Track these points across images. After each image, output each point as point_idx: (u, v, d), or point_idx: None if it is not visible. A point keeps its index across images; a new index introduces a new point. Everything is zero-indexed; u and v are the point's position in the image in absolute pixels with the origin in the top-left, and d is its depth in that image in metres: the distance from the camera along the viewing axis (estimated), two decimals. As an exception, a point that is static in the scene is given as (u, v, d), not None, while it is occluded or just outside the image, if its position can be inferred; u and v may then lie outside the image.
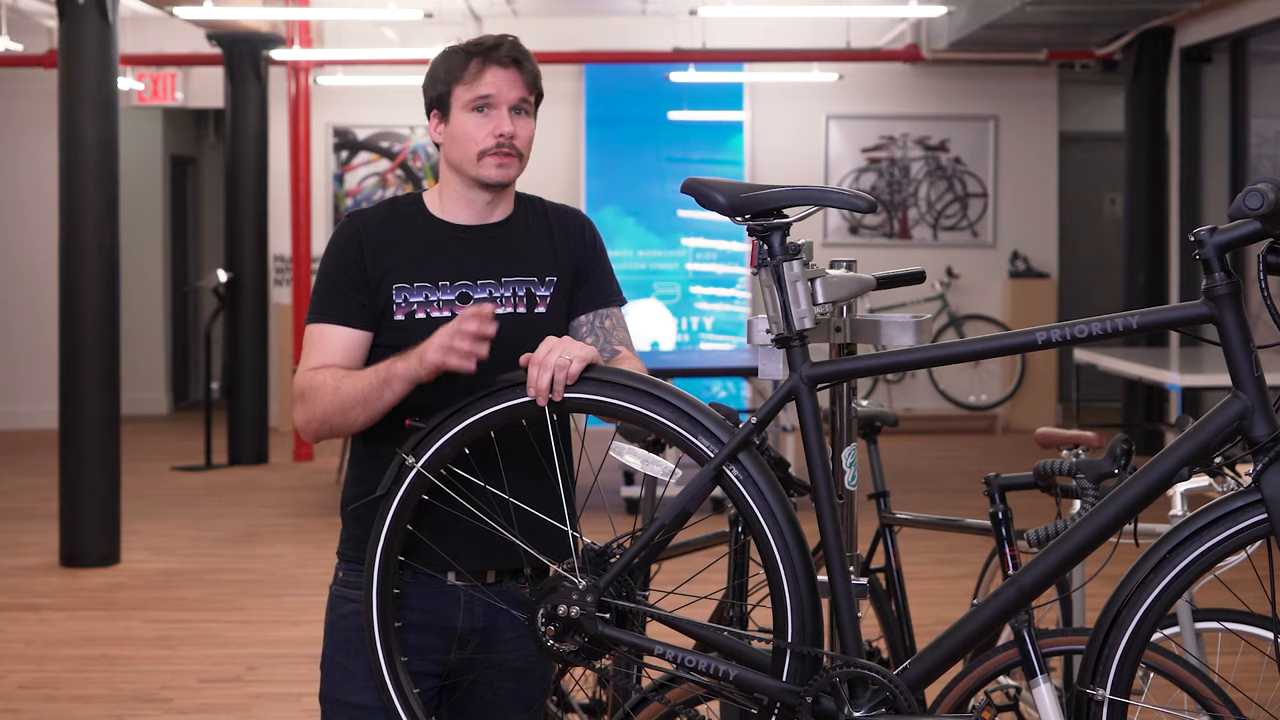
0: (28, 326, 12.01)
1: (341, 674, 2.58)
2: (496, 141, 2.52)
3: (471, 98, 2.53)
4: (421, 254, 2.56)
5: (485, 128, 2.53)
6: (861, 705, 2.19)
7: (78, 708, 5.11)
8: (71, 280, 7.25)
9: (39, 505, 8.62)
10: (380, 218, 2.60)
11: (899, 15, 10.55)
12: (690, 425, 2.24)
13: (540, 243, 2.62)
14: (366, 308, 2.54)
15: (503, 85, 2.53)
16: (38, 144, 11.54)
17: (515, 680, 2.60)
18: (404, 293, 2.54)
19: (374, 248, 2.55)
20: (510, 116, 2.54)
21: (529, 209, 2.67)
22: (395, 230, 2.58)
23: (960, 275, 12.07)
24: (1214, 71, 10.13)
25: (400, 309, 2.54)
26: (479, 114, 2.54)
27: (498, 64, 2.53)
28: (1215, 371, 6.68)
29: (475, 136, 2.53)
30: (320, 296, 2.58)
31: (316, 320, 2.57)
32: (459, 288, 2.56)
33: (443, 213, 2.61)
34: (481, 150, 2.53)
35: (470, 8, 11.09)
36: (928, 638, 2.36)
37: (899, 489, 6.47)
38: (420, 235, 2.58)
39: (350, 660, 2.56)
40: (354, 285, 2.54)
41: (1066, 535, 2.14)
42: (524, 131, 2.56)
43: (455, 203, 2.60)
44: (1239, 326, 2.05)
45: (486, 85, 2.53)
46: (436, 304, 2.54)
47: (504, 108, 2.54)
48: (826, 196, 2.22)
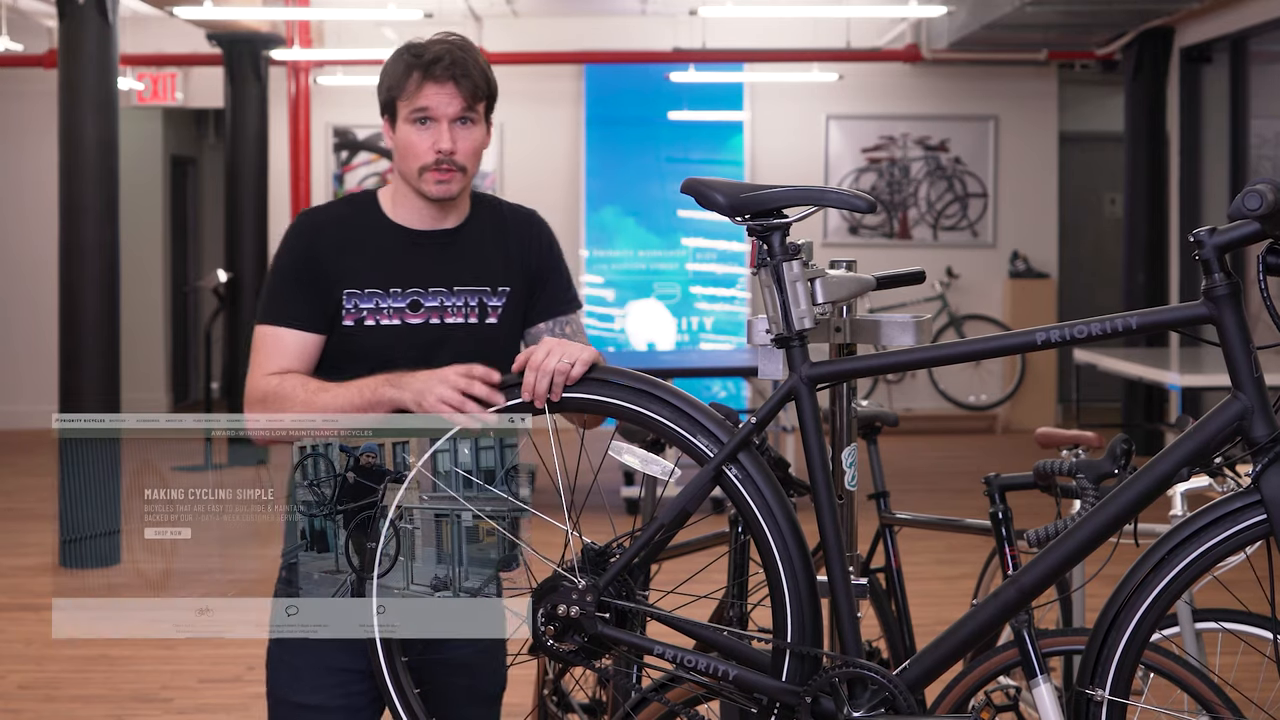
0: (28, 326, 12.01)
1: (288, 673, 2.54)
2: (435, 158, 2.48)
3: (410, 111, 2.49)
4: (374, 259, 2.52)
5: (426, 142, 2.49)
6: (861, 705, 2.19)
7: (78, 708, 5.11)
8: (71, 280, 7.25)
9: (39, 505, 8.62)
10: (334, 217, 2.56)
11: (899, 15, 10.55)
12: (690, 425, 2.24)
13: (494, 251, 2.58)
14: (319, 311, 2.50)
15: (440, 100, 2.48)
16: (38, 144, 11.53)
17: (466, 676, 2.57)
18: (354, 298, 2.50)
19: (328, 250, 2.51)
20: (451, 130, 2.49)
21: (486, 212, 2.62)
22: (349, 232, 2.54)
23: (960, 275, 12.07)
24: (1214, 71, 10.12)
25: (350, 315, 2.50)
26: (420, 126, 2.49)
27: (434, 80, 2.48)
28: (1215, 372, 6.68)
29: (417, 150, 2.49)
30: (273, 296, 2.52)
31: (270, 321, 2.51)
32: (410, 295, 2.52)
33: (396, 215, 2.57)
34: (422, 165, 2.49)
35: (470, 8, 11.09)
36: (928, 638, 2.36)
37: (899, 489, 6.46)
38: (374, 239, 2.54)
39: (296, 657, 2.52)
40: (307, 288, 2.50)
41: (1066, 535, 2.14)
42: (466, 144, 2.50)
43: (407, 208, 2.56)
44: (1239, 327, 2.06)
45: (424, 99, 2.48)
46: (387, 311, 2.51)
47: (444, 121, 2.49)
48: (826, 196, 2.22)
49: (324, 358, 2.52)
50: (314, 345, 2.51)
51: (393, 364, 2.43)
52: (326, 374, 2.50)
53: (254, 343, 2.54)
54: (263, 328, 2.52)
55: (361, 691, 2.53)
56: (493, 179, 11.88)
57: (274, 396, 2.44)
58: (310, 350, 2.51)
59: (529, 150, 11.93)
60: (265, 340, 2.51)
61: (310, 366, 2.51)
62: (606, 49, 11.58)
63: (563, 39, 11.57)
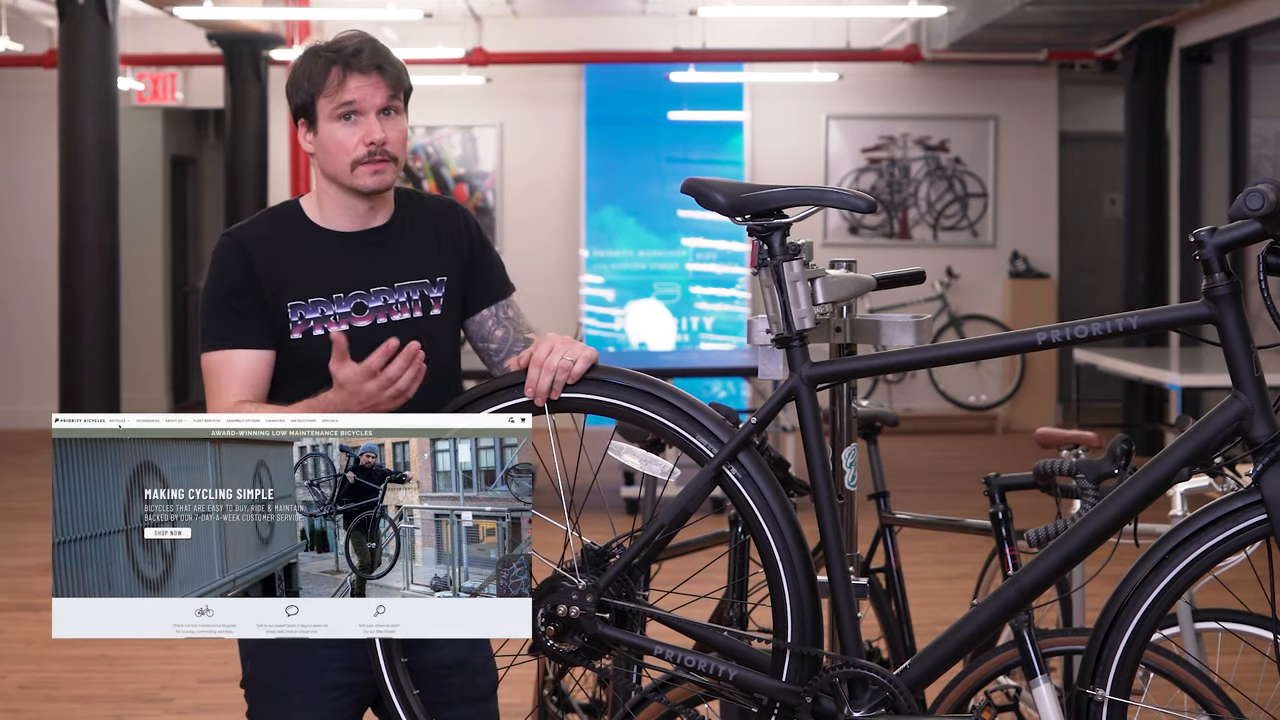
0: (28, 326, 12.01)
1: (273, 697, 2.54)
2: (368, 150, 2.46)
3: (335, 107, 2.46)
4: (310, 267, 2.49)
5: (355, 136, 2.46)
6: (861, 705, 2.19)
7: (78, 708, 5.10)
8: (71, 280, 7.25)
9: (39, 505, 8.62)
10: (263, 234, 2.52)
11: (899, 15, 10.56)
12: (690, 425, 2.24)
13: (426, 243, 2.57)
14: (267, 326, 2.46)
15: (366, 91, 2.46)
16: (38, 144, 11.54)
17: (459, 674, 2.56)
18: (299, 310, 2.47)
19: (263, 264, 2.47)
20: (379, 121, 2.47)
21: (409, 206, 2.60)
22: (281, 244, 2.50)
23: (960, 275, 12.07)
24: (1214, 71, 10.13)
25: (297, 327, 2.47)
26: (346, 122, 2.47)
27: (359, 71, 2.46)
28: (1215, 371, 6.68)
29: (346, 146, 2.46)
30: (214, 321, 2.47)
31: (216, 348, 2.46)
32: (353, 298, 2.50)
33: (324, 221, 2.54)
34: (354, 160, 2.46)
35: (470, 8, 11.09)
36: (928, 638, 2.36)
37: (899, 489, 6.46)
38: (305, 247, 2.51)
39: (280, 681, 2.52)
40: (249, 304, 2.46)
41: (1066, 535, 2.14)
42: (394, 134, 2.48)
43: (335, 211, 2.53)
44: (1239, 327, 2.06)
45: (350, 92, 2.46)
46: (333, 318, 2.48)
47: (371, 113, 2.46)
48: (826, 196, 2.22)
49: (276, 377, 2.48)
50: (266, 363, 2.47)
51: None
52: (280, 392, 2.47)
53: (205, 374, 2.48)
54: (211, 355, 2.47)
55: (348, 705, 2.53)
56: (493, 179, 11.88)
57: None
58: (263, 369, 2.46)
59: (529, 150, 11.93)
60: (216, 367, 2.47)
61: (264, 386, 2.47)
62: (606, 49, 11.58)
63: (563, 39, 11.57)
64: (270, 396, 2.48)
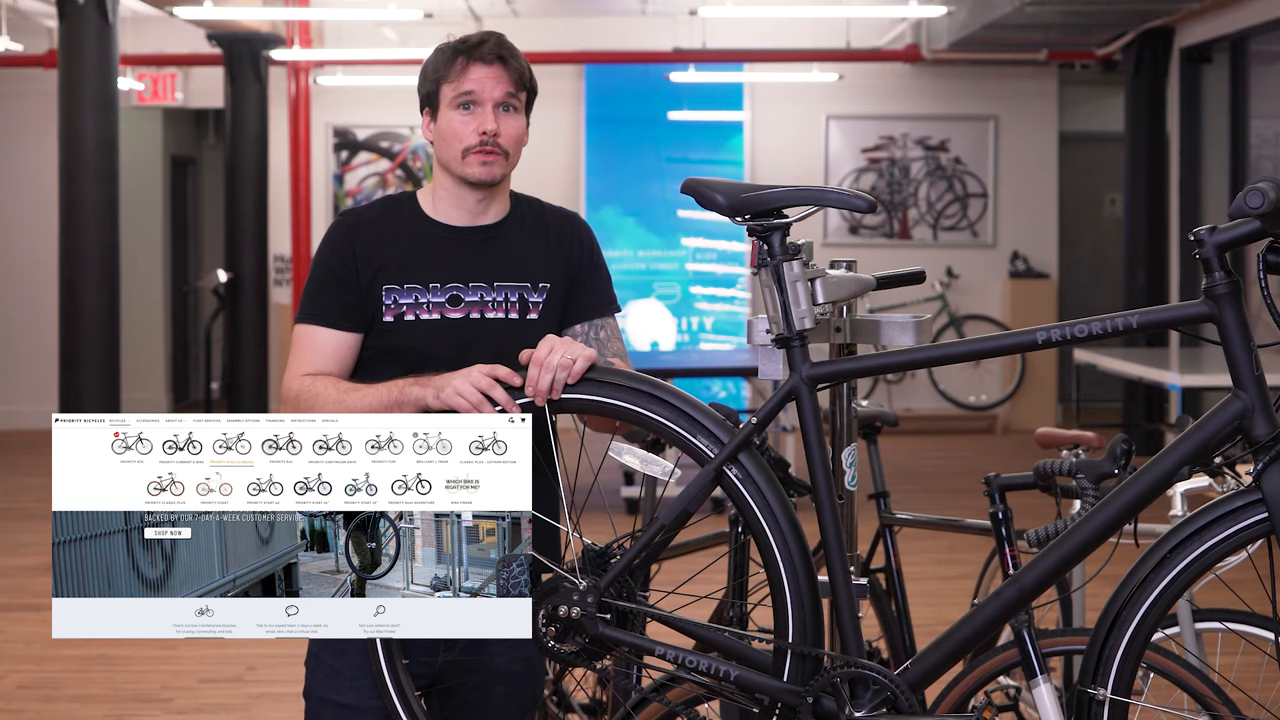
0: (28, 326, 12.01)
1: (326, 672, 2.57)
2: (480, 139, 2.50)
3: (456, 95, 2.52)
4: (412, 254, 2.54)
5: (470, 125, 2.51)
6: (862, 705, 2.19)
7: (78, 708, 5.10)
8: (72, 280, 7.26)
9: (39, 505, 8.62)
10: (372, 216, 2.58)
11: (899, 15, 10.56)
12: (690, 425, 2.24)
13: (535, 247, 2.59)
14: (357, 309, 2.52)
15: (486, 82, 2.51)
16: (38, 144, 11.54)
17: (505, 684, 2.59)
18: (394, 294, 2.52)
19: (365, 247, 2.53)
20: (495, 114, 2.52)
21: (526, 210, 2.64)
22: (387, 229, 2.56)
23: (960, 275, 12.07)
24: (1214, 71, 10.13)
25: (389, 310, 2.52)
26: (464, 111, 2.52)
27: (481, 61, 2.51)
28: (1215, 371, 6.69)
29: (460, 134, 2.52)
30: (311, 296, 2.55)
31: (307, 321, 2.54)
32: (450, 290, 2.53)
33: (435, 213, 2.58)
34: (466, 148, 2.51)
35: (470, 8, 11.09)
36: (928, 638, 2.36)
37: (899, 489, 6.47)
38: (412, 235, 2.56)
39: (335, 659, 2.55)
40: (344, 285, 2.52)
41: (1066, 535, 2.14)
42: (509, 129, 2.53)
43: (447, 202, 2.58)
44: (1239, 326, 2.05)
45: (470, 82, 2.51)
46: (426, 306, 2.52)
47: (489, 105, 2.51)
48: (826, 196, 2.22)
49: (363, 357, 2.53)
50: (350, 344, 2.52)
51: (431, 360, 2.44)
52: (365, 374, 2.51)
53: (292, 341, 2.57)
54: (300, 327, 2.55)
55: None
56: (493, 179, 11.88)
57: (306, 396, 2.46)
58: (346, 350, 2.52)
59: (529, 150, 11.63)
60: (302, 339, 2.54)
61: (347, 366, 2.52)
62: (606, 49, 11.58)
63: (563, 39, 11.57)
64: (357, 379, 2.51)
